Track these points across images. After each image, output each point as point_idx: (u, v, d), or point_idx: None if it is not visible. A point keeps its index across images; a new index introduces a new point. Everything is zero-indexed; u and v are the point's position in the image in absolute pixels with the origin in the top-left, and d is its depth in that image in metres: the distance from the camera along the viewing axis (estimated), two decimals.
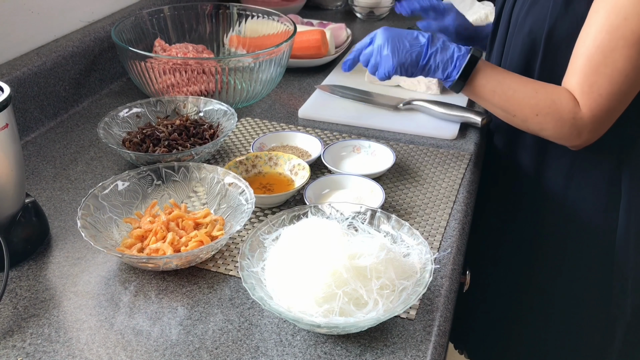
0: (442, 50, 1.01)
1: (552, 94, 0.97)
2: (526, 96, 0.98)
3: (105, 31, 1.35)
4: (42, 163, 1.09)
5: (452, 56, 1.01)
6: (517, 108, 0.99)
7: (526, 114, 0.99)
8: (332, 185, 1.00)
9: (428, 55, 1.01)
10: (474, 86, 1.02)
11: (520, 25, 1.07)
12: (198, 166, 0.96)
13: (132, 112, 1.14)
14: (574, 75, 0.95)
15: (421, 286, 0.73)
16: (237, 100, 1.27)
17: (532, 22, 1.04)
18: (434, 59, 1.01)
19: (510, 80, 1.01)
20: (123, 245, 0.85)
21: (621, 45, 0.90)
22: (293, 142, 1.13)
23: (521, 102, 0.99)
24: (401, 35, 1.02)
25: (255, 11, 1.47)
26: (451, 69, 1.01)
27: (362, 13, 1.88)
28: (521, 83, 1.00)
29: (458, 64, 1.00)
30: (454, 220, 0.96)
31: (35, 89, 1.17)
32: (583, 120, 0.95)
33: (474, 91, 1.03)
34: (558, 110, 0.96)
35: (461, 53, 1.01)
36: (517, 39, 1.09)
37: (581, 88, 0.94)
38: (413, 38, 1.02)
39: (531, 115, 0.98)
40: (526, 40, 1.06)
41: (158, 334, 0.74)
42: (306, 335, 0.75)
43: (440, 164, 1.11)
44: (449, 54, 1.01)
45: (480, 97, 1.03)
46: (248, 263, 0.77)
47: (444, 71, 1.01)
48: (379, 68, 1.03)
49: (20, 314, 0.77)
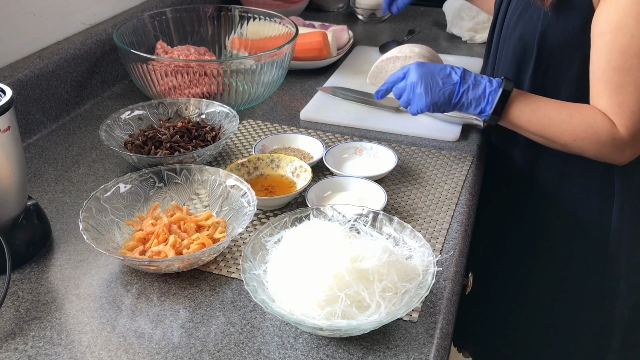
0: (473, 87, 1.01)
1: (587, 118, 0.96)
2: (562, 122, 0.98)
3: (107, 34, 1.35)
4: (44, 165, 1.09)
5: (484, 92, 1.00)
6: (555, 135, 0.99)
7: (565, 140, 0.99)
8: (334, 188, 1.00)
9: (460, 93, 1.01)
10: (509, 118, 1.02)
11: (511, 31, 1.08)
12: (200, 168, 0.96)
13: (134, 115, 1.14)
14: (600, 97, 0.95)
15: (424, 289, 0.73)
16: (239, 102, 1.27)
17: (523, 28, 1.05)
18: (466, 96, 1.01)
19: (545, 107, 1.00)
20: (125, 247, 0.85)
21: (637, 63, 0.90)
22: (295, 144, 1.13)
23: (558, 130, 0.98)
24: (434, 73, 1.02)
25: (257, 13, 1.47)
26: (484, 104, 1.00)
27: (364, 15, 1.88)
28: (555, 109, 0.99)
29: (491, 99, 1.00)
30: (456, 222, 0.96)
31: (37, 92, 1.17)
32: (623, 139, 0.95)
33: (510, 122, 1.02)
34: (596, 133, 0.96)
35: (493, 88, 1.00)
36: (508, 44, 1.10)
37: (612, 109, 0.94)
38: (445, 75, 1.01)
39: (570, 141, 0.98)
40: (517, 46, 1.07)
41: (160, 336, 0.74)
42: (308, 338, 0.74)
43: (443, 166, 1.10)
44: (481, 89, 1.00)
45: (517, 127, 1.03)
46: (250, 265, 0.77)
47: (477, 107, 1.01)
48: (412, 104, 1.04)
49: (22, 317, 0.77)
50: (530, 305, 1.26)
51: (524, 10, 1.05)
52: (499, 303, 1.31)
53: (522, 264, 1.24)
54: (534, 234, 1.20)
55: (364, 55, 1.57)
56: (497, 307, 1.32)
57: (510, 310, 1.30)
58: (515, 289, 1.27)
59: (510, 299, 1.29)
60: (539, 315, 1.25)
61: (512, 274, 1.27)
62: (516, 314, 1.29)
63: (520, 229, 1.22)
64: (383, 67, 1.38)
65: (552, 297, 1.22)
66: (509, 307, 1.30)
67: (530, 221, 1.20)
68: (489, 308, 1.34)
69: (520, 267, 1.25)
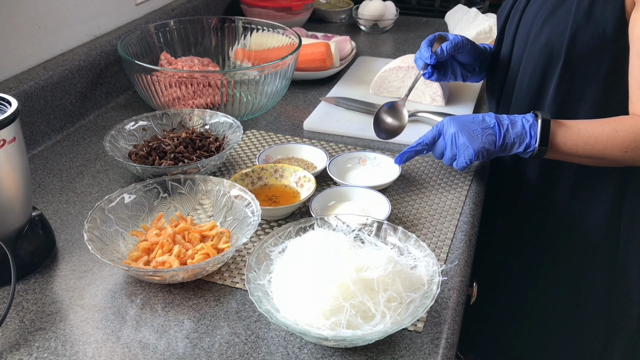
0: (512, 126, 1.00)
1: (632, 127, 0.96)
2: (609, 138, 0.97)
3: (111, 45, 1.36)
4: (49, 176, 1.09)
5: (523, 128, 1.00)
6: (604, 152, 0.98)
7: (615, 155, 0.98)
8: (338, 197, 1.00)
9: (502, 135, 1.00)
10: (556, 147, 1.00)
11: (535, 38, 1.06)
12: (204, 179, 0.96)
13: (138, 125, 1.14)
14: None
15: (429, 298, 0.73)
16: (242, 112, 1.28)
17: (550, 33, 1.03)
18: (508, 137, 1.00)
19: (586, 128, 0.99)
20: (129, 258, 0.85)
21: None
22: (298, 154, 1.13)
23: (606, 145, 0.97)
24: (469, 122, 1.01)
25: (260, 24, 1.48)
26: (529, 140, 0.99)
27: (366, 26, 1.89)
28: (598, 127, 0.98)
29: (533, 133, 0.99)
30: (460, 231, 0.96)
31: (42, 103, 1.17)
32: None
33: (558, 151, 1.01)
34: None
35: (530, 122, 1.00)
36: (531, 51, 1.08)
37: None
38: (480, 122, 1.01)
39: (620, 154, 0.97)
40: (542, 53, 1.05)
41: (164, 347, 0.74)
42: (313, 349, 0.74)
43: (446, 176, 1.10)
44: (519, 126, 1.00)
45: (565, 154, 1.01)
46: (254, 275, 0.77)
47: (521, 144, 1.00)
48: (459, 157, 1.01)
49: (26, 327, 0.77)
50: (536, 316, 1.25)
51: (550, 16, 1.04)
52: (504, 313, 1.31)
53: (529, 274, 1.23)
54: (543, 244, 1.20)
55: (367, 66, 1.57)
56: (502, 317, 1.31)
57: (515, 321, 1.29)
58: (521, 300, 1.27)
59: (516, 310, 1.28)
60: (543, 327, 1.25)
61: (519, 283, 1.26)
62: (521, 325, 1.28)
63: (529, 240, 1.22)
64: (386, 77, 1.39)
65: (558, 308, 1.22)
66: (514, 317, 1.29)
67: (540, 232, 1.19)
68: (493, 316, 1.33)
69: (527, 278, 1.24)
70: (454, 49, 1.15)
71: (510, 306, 1.29)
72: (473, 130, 1.00)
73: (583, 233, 1.13)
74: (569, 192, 1.12)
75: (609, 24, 0.96)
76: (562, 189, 1.13)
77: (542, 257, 1.21)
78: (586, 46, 0.99)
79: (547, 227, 1.18)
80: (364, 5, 1.87)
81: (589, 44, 0.99)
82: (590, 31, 0.98)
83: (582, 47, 1.00)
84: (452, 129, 1.01)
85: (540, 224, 1.19)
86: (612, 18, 0.96)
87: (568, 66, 1.02)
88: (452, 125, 1.01)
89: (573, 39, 1.00)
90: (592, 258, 1.15)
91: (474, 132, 1.00)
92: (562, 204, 1.14)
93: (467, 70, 1.24)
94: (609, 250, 1.13)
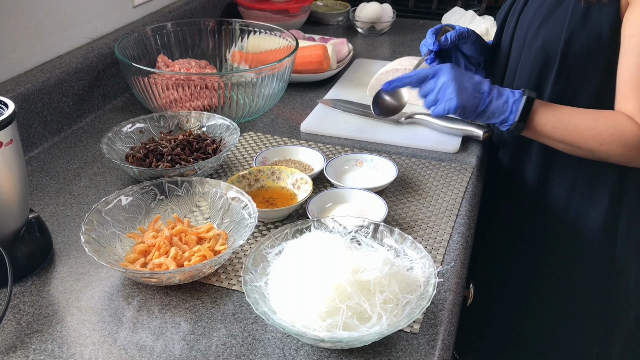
0: (497, 97, 1.02)
1: (613, 121, 0.97)
2: (588, 127, 0.98)
3: (109, 47, 1.36)
4: (46, 178, 1.09)
5: (506, 102, 1.01)
6: (580, 140, 0.99)
7: (591, 145, 0.99)
8: (335, 199, 1.00)
9: (487, 102, 1.01)
10: (534, 126, 1.02)
11: (531, 40, 1.07)
12: (201, 181, 0.96)
13: (135, 128, 1.15)
14: (627, 100, 0.96)
15: (425, 300, 0.73)
16: (239, 115, 1.28)
17: (546, 36, 1.04)
18: (490, 106, 1.02)
19: (569, 114, 1.00)
20: (126, 260, 0.85)
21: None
22: (295, 156, 1.14)
23: (584, 134, 0.99)
24: (465, 78, 1.02)
25: (257, 27, 1.48)
26: (507, 114, 1.01)
27: (363, 28, 1.89)
28: (580, 115, 1.00)
29: (514, 108, 1.01)
30: (457, 233, 0.96)
31: (39, 105, 1.17)
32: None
33: (535, 130, 1.03)
34: (622, 136, 0.96)
35: (516, 98, 1.01)
36: (527, 53, 1.09)
37: (639, 111, 0.95)
38: (476, 83, 1.02)
39: (596, 145, 0.99)
40: (538, 55, 1.06)
41: (161, 349, 0.74)
42: (310, 350, 0.74)
43: (443, 178, 1.11)
44: (503, 99, 1.01)
45: (542, 136, 1.03)
46: (251, 277, 0.77)
47: (499, 116, 1.02)
48: (439, 104, 1.03)
49: (23, 330, 0.77)
50: (533, 317, 1.25)
51: (547, 19, 1.05)
52: (501, 314, 1.31)
53: (526, 275, 1.24)
54: (540, 245, 1.20)
55: (364, 68, 1.58)
56: (499, 319, 1.32)
57: (512, 322, 1.29)
58: (518, 301, 1.27)
59: (513, 311, 1.28)
60: (540, 328, 1.25)
61: (516, 285, 1.26)
62: (518, 326, 1.28)
63: (527, 241, 1.22)
64: (383, 79, 1.39)
65: (556, 309, 1.22)
66: (511, 318, 1.29)
67: (537, 233, 1.20)
68: (491, 319, 1.33)
69: (524, 278, 1.24)
70: (458, 38, 1.17)
71: (507, 308, 1.29)
72: (465, 86, 1.01)
73: (580, 234, 1.14)
74: (566, 193, 1.13)
75: (604, 27, 0.97)
76: (559, 190, 1.13)
77: (539, 258, 1.21)
78: (581, 49, 1.00)
79: (544, 228, 1.18)
80: (361, 7, 1.88)
81: (584, 46, 0.99)
82: (586, 34, 0.99)
83: (578, 50, 1.00)
84: (447, 76, 1.02)
85: (537, 225, 1.19)
86: (608, 21, 0.96)
87: (563, 69, 1.03)
88: (449, 73, 1.02)
89: (568, 42, 1.00)
90: (589, 260, 1.15)
91: (465, 88, 1.01)
92: (559, 205, 1.14)
93: (472, 64, 1.25)
94: (606, 252, 1.13)
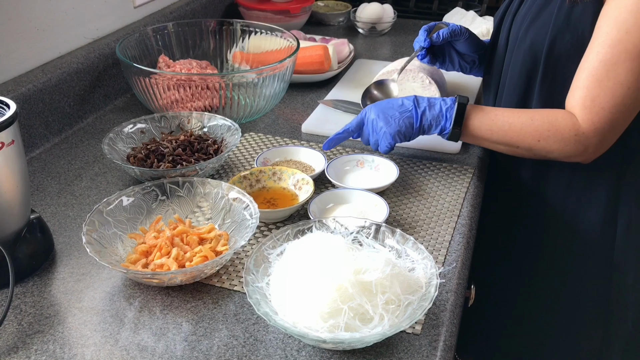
0: (430, 108, 1.04)
1: (548, 117, 0.98)
2: (523, 125, 1.00)
3: (110, 48, 1.36)
4: (47, 179, 1.09)
5: (440, 110, 1.04)
6: (517, 139, 1.01)
7: (528, 143, 1.00)
8: (336, 200, 1.00)
9: (419, 117, 1.04)
10: (470, 130, 1.04)
11: (521, 40, 1.08)
12: (202, 181, 0.96)
13: (137, 128, 1.15)
14: (577, 89, 0.96)
15: (427, 301, 0.73)
16: (240, 115, 1.28)
17: (534, 36, 1.04)
18: (425, 118, 1.04)
19: (503, 114, 1.02)
20: (128, 260, 0.85)
21: (623, 59, 0.91)
22: (297, 156, 1.14)
23: (520, 133, 1.00)
24: (388, 107, 1.06)
25: (258, 27, 1.48)
26: (443, 122, 1.04)
27: (364, 28, 1.89)
28: (514, 114, 1.02)
29: (449, 115, 1.03)
30: (458, 234, 0.96)
31: (40, 106, 1.17)
32: (586, 135, 0.96)
33: (472, 135, 1.05)
34: (558, 131, 0.97)
35: (448, 105, 1.04)
36: (517, 54, 1.10)
37: (583, 102, 0.95)
38: (399, 105, 1.05)
39: (533, 142, 1.00)
40: (527, 55, 1.07)
41: (163, 350, 0.74)
42: (312, 351, 0.74)
43: (444, 178, 1.11)
44: (437, 109, 1.04)
45: (479, 139, 1.05)
46: (253, 278, 0.77)
47: (437, 126, 1.05)
48: (380, 143, 1.07)
49: (25, 330, 0.77)
50: (532, 318, 1.25)
51: (535, 19, 1.05)
52: (501, 316, 1.31)
53: (526, 275, 1.24)
54: (539, 246, 1.20)
55: (365, 68, 1.57)
56: (499, 320, 1.32)
57: (512, 324, 1.29)
58: (519, 301, 1.27)
59: (513, 312, 1.28)
60: (541, 329, 1.25)
61: (516, 285, 1.26)
62: (518, 328, 1.28)
63: (525, 242, 1.22)
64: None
65: (555, 311, 1.22)
66: (511, 320, 1.29)
67: (535, 234, 1.20)
68: (491, 320, 1.33)
69: (524, 279, 1.24)
70: (450, 35, 1.19)
71: (507, 309, 1.29)
72: (391, 115, 1.05)
73: (578, 235, 1.14)
74: (562, 193, 1.13)
75: (587, 27, 0.97)
76: (555, 191, 1.13)
77: (536, 259, 1.21)
78: (565, 49, 1.00)
79: (541, 229, 1.18)
80: (362, 8, 1.88)
81: (567, 47, 1.00)
82: (569, 34, 0.99)
83: (561, 51, 1.01)
84: (372, 115, 1.06)
85: (533, 226, 1.19)
86: (590, 21, 0.97)
87: (549, 69, 1.04)
88: (372, 112, 1.06)
89: (553, 43, 1.01)
90: (587, 260, 1.15)
91: (392, 116, 1.04)
92: (556, 206, 1.14)
93: (466, 62, 1.26)
94: (604, 252, 1.13)
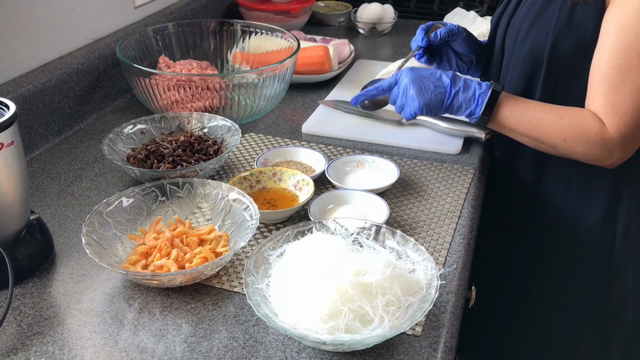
0: (464, 90, 1.03)
1: (577, 118, 0.98)
2: (552, 123, 0.99)
3: (110, 48, 1.36)
4: (47, 180, 1.09)
5: (474, 94, 1.03)
6: (544, 136, 1.00)
7: (554, 141, 1.00)
8: (337, 201, 1.00)
9: (452, 96, 1.03)
10: (499, 119, 1.04)
11: (521, 43, 1.08)
12: (202, 182, 0.96)
13: (137, 129, 1.14)
14: (595, 97, 0.96)
15: (427, 302, 0.73)
16: (241, 116, 1.28)
17: (534, 39, 1.04)
18: (456, 99, 1.03)
19: (534, 108, 1.01)
20: (127, 262, 0.85)
21: (637, 63, 0.91)
22: (297, 157, 1.13)
23: (547, 130, 1.00)
24: (425, 76, 1.04)
25: (258, 28, 1.48)
26: (474, 107, 1.03)
27: (365, 29, 1.89)
28: (545, 110, 1.01)
29: (480, 101, 1.02)
30: (459, 235, 0.96)
31: (40, 106, 1.17)
32: (612, 140, 0.96)
33: (500, 124, 1.04)
34: (585, 133, 0.97)
35: (482, 90, 1.03)
36: (517, 56, 1.09)
37: (605, 109, 0.95)
38: (436, 79, 1.04)
39: (559, 141, 0.99)
40: (528, 58, 1.06)
41: (162, 351, 0.74)
42: (312, 353, 0.74)
43: (445, 179, 1.10)
44: (471, 92, 1.03)
45: (506, 129, 1.05)
46: (253, 279, 0.77)
47: (467, 109, 1.04)
48: (405, 108, 1.06)
49: (24, 332, 0.77)
50: (533, 320, 1.25)
51: (535, 22, 1.05)
52: (502, 317, 1.31)
53: (526, 276, 1.23)
54: (538, 247, 1.20)
55: (365, 69, 1.57)
56: (500, 321, 1.31)
57: (512, 325, 1.29)
58: (519, 302, 1.27)
59: (513, 314, 1.28)
60: (541, 331, 1.25)
61: (516, 286, 1.26)
62: (518, 329, 1.28)
63: (525, 242, 1.22)
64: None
65: (555, 310, 1.22)
66: (512, 321, 1.29)
67: (534, 234, 1.19)
68: (492, 321, 1.33)
69: (524, 280, 1.24)
70: (447, 35, 1.19)
71: (508, 309, 1.29)
72: (426, 85, 1.03)
73: (578, 235, 1.14)
74: (562, 193, 1.13)
75: (589, 29, 0.97)
76: (555, 190, 1.13)
77: (538, 260, 1.21)
78: (567, 51, 1.00)
79: (540, 229, 1.18)
80: (363, 8, 1.88)
81: (569, 49, 1.00)
82: (571, 36, 0.99)
83: (564, 53, 1.01)
84: (407, 79, 1.05)
85: (533, 226, 1.19)
86: (592, 22, 0.97)
87: (551, 72, 1.04)
88: (407, 77, 1.05)
89: (555, 45, 1.01)
90: (587, 260, 1.15)
91: (426, 87, 1.03)
92: (555, 206, 1.14)
93: (463, 62, 1.26)
94: (604, 254, 1.12)
